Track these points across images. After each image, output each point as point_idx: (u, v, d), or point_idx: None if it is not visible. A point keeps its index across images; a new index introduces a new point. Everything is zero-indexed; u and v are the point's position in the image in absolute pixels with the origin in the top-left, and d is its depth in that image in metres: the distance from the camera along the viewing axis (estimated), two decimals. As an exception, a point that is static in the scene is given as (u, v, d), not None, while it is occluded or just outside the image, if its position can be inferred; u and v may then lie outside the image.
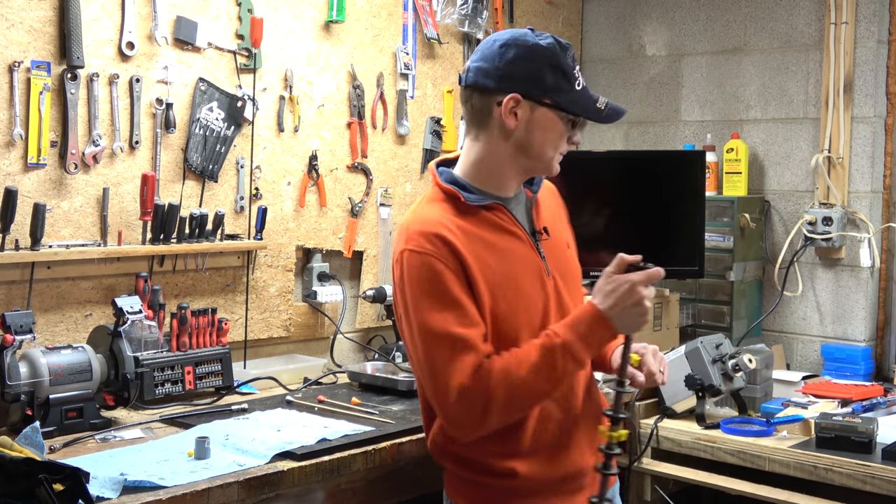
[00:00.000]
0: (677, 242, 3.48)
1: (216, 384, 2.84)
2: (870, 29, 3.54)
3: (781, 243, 3.72)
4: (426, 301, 1.88)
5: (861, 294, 3.59)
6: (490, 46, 1.96)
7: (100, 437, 2.38)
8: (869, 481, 2.53)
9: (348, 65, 3.40)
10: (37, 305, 2.65)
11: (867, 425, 2.64)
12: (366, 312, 3.54)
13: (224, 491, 2.06)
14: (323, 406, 2.72)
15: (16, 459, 1.83)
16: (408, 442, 2.46)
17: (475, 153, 2.01)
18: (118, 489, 1.96)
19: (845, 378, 3.39)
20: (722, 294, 3.65)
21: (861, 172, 3.57)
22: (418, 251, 1.89)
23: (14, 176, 2.60)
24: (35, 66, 2.60)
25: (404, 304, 1.92)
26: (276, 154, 3.20)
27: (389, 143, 3.57)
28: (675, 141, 4.04)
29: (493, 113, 1.95)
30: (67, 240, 2.70)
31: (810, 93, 3.71)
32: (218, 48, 3.03)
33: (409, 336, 1.93)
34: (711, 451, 2.82)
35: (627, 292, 1.85)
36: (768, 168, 3.82)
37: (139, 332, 2.61)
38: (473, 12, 3.76)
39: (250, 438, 2.34)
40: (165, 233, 2.85)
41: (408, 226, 1.96)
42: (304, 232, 3.31)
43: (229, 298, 3.11)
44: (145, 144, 2.87)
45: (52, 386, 2.41)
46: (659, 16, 4.12)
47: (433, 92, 3.72)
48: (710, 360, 2.89)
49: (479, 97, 1.97)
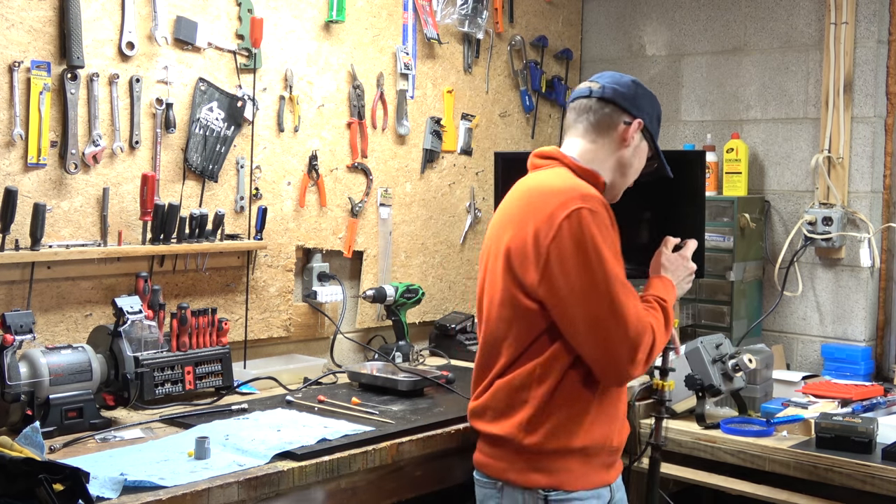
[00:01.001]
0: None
1: (216, 384, 2.84)
2: (870, 29, 3.54)
3: (781, 243, 3.72)
4: (608, 251, 2.15)
5: (861, 294, 3.59)
6: (621, 78, 2.36)
7: (100, 437, 2.38)
8: (869, 481, 2.53)
9: (348, 65, 3.40)
10: (37, 305, 2.65)
11: (867, 425, 2.64)
12: (366, 312, 3.54)
13: (224, 491, 2.06)
14: (323, 406, 2.72)
15: (16, 459, 1.83)
16: (408, 442, 2.46)
17: (588, 152, 2.33)
18: (118, 489, 1.96)
19: (845, 378, 3.39)
20: (722, 294, 3.65)
21: (861, 172, 3.57)
22: (595, 210, 2.17)
23: (14, 176, 2.60)
24: (35, 66, 2.60)
25: (583, 256, 2.13)
26: (276, 154, 3.21)
27: (389, 143, 3.57)
28: (675, 141, 4.04)
29: (618, 128, 2.32)
30: (67, 240, 2.70)
31: (810, 93, 3.71)
32: (218, 48, 3.03)
33: (590, 285, 2.13)
34: (711, 451, 2.82)
35: (684, 267, 2.49)
36: (768, 168, 3.82)
37: (139, 332, 2.61)
38: (473, 12, 3.76)
39: (250, 438, 2.34)
40: (165, 233, 2.85)
41: (569, 189, 2.20)
42: (304, 232, 3.31)
43: (229, 298, 3.11)
44: (145, 144, 2.87)
45: (52, 386, 2.41)
46: (659, 16, 4.12)
47: (433, 92, 3.72)
48: (711, 360, 2.89)
49: (612, 110, 2.32)
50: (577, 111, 2.36)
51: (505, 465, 2.24)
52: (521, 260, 2.19)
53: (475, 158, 3.90)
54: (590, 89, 2.35)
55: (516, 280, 2.20)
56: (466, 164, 3.87)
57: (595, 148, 2.33)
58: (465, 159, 3.87)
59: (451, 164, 3.82)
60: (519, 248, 2.19)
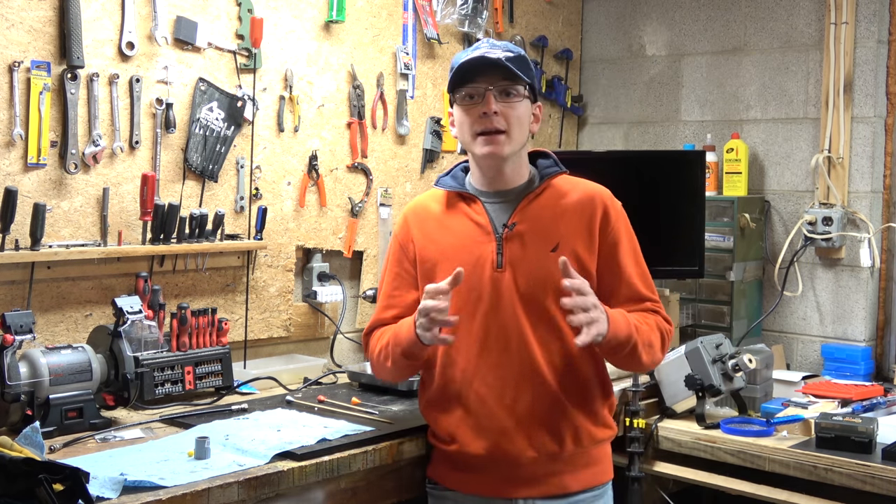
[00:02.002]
0: (677, 242, 3.47)
1: (216, 384, 2.84)
2: (870, 29, 3.54)
3: (781, 243, 3.72)
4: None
5: (861, 294, 3.59)
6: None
7: (100, 437, 2.38)
8: (869, 481, 2.53)
9: (348, 65, 3.40)
10: (37, 305, 2.65)
11: (867, 425, 2.63)
12: (366, 312, 3.54)
13: (224, 491, 2.06)
14: (323, 406, 2.72)
15: (16, 459, 1.83)
16: (408, 442, 2.46)
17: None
18: (118, 489, 1.96)
19: (845, 378, 3.39)
20: (722, 294, 3.65)
21: (861, 172, 3.57)
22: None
23: (14, 176, 2.60)
24: (35, 66, 2.60)
25: (628, 234, 2.32)
26: (276, 154, 3.20)
27: (389, 143, 3.57)
28: (675, 141, 4.04)
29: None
30: (67, 240, 2.70)
31: (810, 93, 3.71)
32: (218, 48, 3.03)
33: (634, 256, 2.30)
34: (711, 451, 2.81)
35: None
36: (768, 168, 3.82)
37: (139, 333, 2.61)
38: (473, 12, 3.76)
39: (250, 438, 2.34)
40: (165, 233, 2.85)
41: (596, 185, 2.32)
42: (304, 232, 3.31)
43: (229, 298, 3.11)
44: (145, 144, 2.87)
45: (52, 386, 2.41)
46: (659, 16, 4.12)
47: (433, 92, 3.72)
48: (710, 360, 2.89)
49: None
50: None
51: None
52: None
53: (475, 158, 3.89)
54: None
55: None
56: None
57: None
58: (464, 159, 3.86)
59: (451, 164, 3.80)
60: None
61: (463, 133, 2.26)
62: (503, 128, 2.19)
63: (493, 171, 2.28)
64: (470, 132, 2.23)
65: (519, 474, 2.24)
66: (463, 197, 2.32)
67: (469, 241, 2.26)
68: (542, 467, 2.24)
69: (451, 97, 2.28)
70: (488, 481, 2.27)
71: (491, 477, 2.26)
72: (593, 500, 2.30)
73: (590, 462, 2.30)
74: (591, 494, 2.30)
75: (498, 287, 2.22)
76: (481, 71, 2.19)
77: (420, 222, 2.34)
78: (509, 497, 2.25)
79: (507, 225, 2.24)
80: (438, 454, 2.38)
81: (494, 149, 2.20)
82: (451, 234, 2.29)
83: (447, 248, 2.27)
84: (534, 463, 2.23)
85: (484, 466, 2.26)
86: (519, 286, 2.22)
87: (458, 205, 2.32)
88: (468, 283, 2.18)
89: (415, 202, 2.42)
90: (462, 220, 2.29)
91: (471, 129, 2.23)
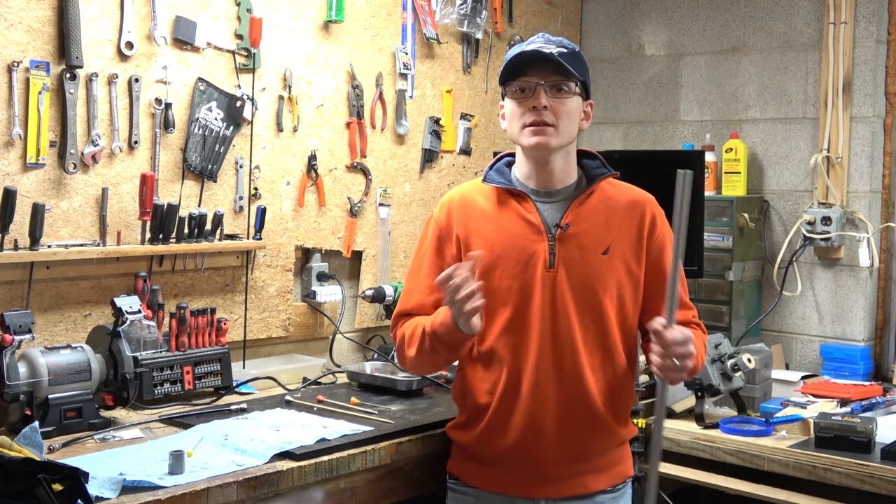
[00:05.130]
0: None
1: (215, 384, 2.84)
2: (869, 29, 3.54)
3: (780, 243, 3.72)
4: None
5: (860, 294, 3.59)
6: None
7: (99, 437, 2.38)
8: (868, 481, 2.53)
9: (347, 65, 3.40)
10: (36, 305, 2.65)
11: (866, 425, 2.64)
12: (365, 312, 3.54)
13: (223, 491, 2.06)
14: (322, 406, 2.72)
15: (15, 459, 1.83)
16: (407, 442, 2.46)
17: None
18: (117, 489, 1.96)
19: (844, 378, 3.40)
20: (721, 294, 3.65)
21: (860, 172, 3.58)
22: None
23: (13, 176, 2.60)
24: (34, 66, 2.60)
25: (671, 240, 2.24)
26: (275, 154, 3.20)
27: (388, 142, 3.57)
28: (675, 141, 4.04)
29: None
30: (66, 240, 2.70)
31: (809, 93, 3.71)
32: (217, 48, 3.02)
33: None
34: (711, 451, 2.82)
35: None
36: (767, 168, 3.82)
37: (138, 332, 2.61)
38: (472, 12, 3.76)
39: (249, 438, 2.34)
40: (164, 233, 2.85)
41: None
42: (303, 232, 3.31)
43: (228, 298, 3.11)
44: (144, 144, 2.87)
45: (52, 386, 2.41)
46: (658, 16, 4.12)
47: (432, 92, 3.72)
48: (710, 360, 2.89)
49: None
50: None
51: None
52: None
53: (474, 158, 3.90)
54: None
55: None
56: (465, 164, 3.87)
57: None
58: (464, 159, 3.87)
59: (451, 164, 3.82)
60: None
61: (512, 125, 2.23)
62: (552, 122, 2.18)
63: (540, 164, 2.25)
64: (519, 124, 2.21)
65: (543, 475, 2.24)
66: (512, 194, 2.27)
67: (520, 238, 2.23)
68: (568, 468, 2.24)
69: (503, 90, 2.25)
70: (513, 480, 2.25)
71: (516, 476, 2.25)
72: (615, 499, 2.31)
73: (613, 462, 2.31)
74: (612, 494, 2.30)
75: (550, 286, 2.21)
76: (534, 65, 2.18)
77: (465, 214, 2.29)
78: (532, 497, 2.25)
79: (560, 225, 2.23)
80: (460, 450, 2.35)
81: (542, 140, 2.18)
82: (502, 231, 2.24)
83: (496, 244, 2.23)
84: (561, 464, 2.23)
85: (510, 464, 2.25)
86: (571, 286, 2.21)
87: (508, 202, 2.27)
88: (519, 281, 2.19)
89: (461, 193, 2.35)
90: (513, 218, 2.25)
91: (520, 120, 2.20)
